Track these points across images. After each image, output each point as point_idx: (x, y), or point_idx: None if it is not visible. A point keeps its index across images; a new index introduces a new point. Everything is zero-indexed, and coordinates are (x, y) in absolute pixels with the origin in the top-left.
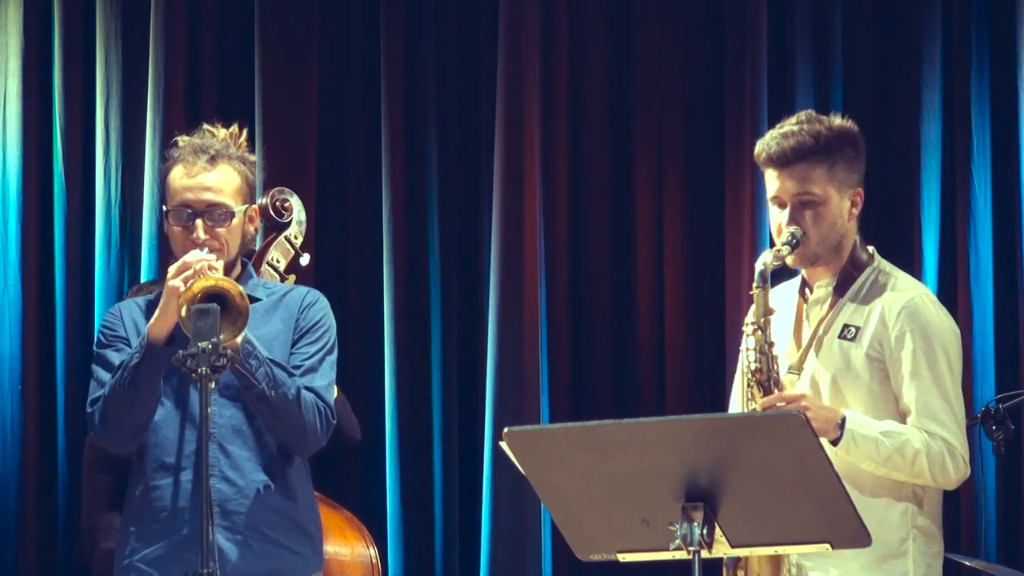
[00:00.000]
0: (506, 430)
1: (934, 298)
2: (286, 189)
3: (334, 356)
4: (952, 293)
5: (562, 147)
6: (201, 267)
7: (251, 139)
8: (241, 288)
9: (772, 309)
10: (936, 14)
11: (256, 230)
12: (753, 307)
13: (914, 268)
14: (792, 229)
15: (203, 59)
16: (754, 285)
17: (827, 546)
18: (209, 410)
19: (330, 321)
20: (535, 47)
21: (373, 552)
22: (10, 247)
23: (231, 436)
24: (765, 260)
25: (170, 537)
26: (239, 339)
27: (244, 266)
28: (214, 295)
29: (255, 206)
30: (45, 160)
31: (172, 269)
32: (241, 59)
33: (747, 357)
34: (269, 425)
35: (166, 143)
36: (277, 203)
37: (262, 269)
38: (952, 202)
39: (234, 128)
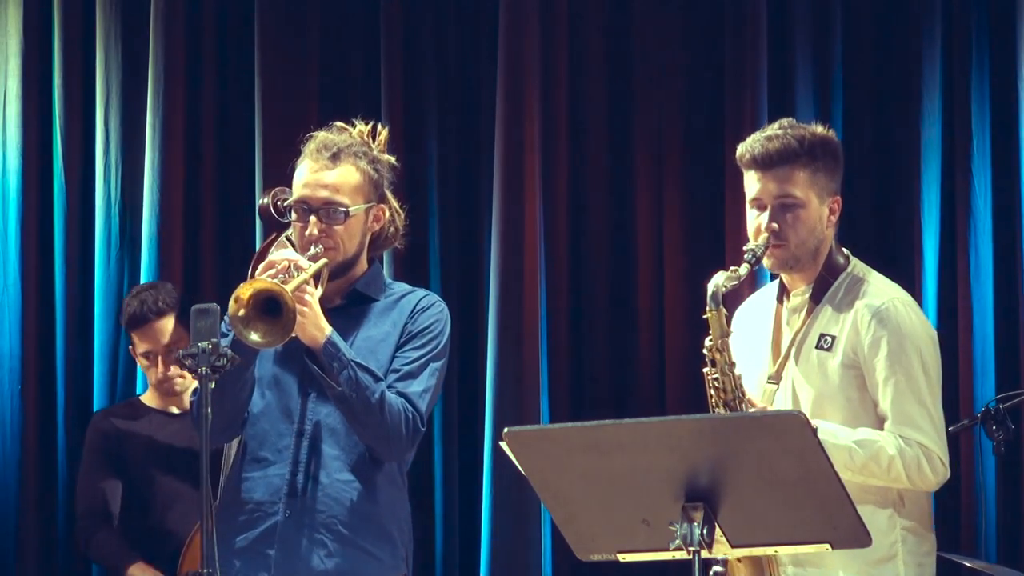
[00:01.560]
0: (506, 430)
1: (908, 301)
2: (287, 189)
3: (440, 363)
4: (952, 293)
5: (562, 146)
6: (284, 266)
7: (251, 139)
8: (290, 293)
9: (729, 331)
10: (936, 14)
11: (393, 228)
12: (710, 331)
13: (914, 268)
14: (752, 246)
15: (203, 59)
16: (707, 308)
17: (827, 546)
18: (307, 407)
19: (441, 327)
20: (535, 47)
21: None
22: (10, 247)
23: (324, 435)
24: (717, 282)
25: (252, 529)
26: (322, 340)
27: (371, 263)
28: (267, 299)
29: (382, 205)
30: (45, 160)
31: (260, 268)
32: (241, 59)
33: (711, 381)
34: (352, 427)
35: (166, 143)
36: (278, 203)
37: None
38: (952, 202)
39: (376, 124)
